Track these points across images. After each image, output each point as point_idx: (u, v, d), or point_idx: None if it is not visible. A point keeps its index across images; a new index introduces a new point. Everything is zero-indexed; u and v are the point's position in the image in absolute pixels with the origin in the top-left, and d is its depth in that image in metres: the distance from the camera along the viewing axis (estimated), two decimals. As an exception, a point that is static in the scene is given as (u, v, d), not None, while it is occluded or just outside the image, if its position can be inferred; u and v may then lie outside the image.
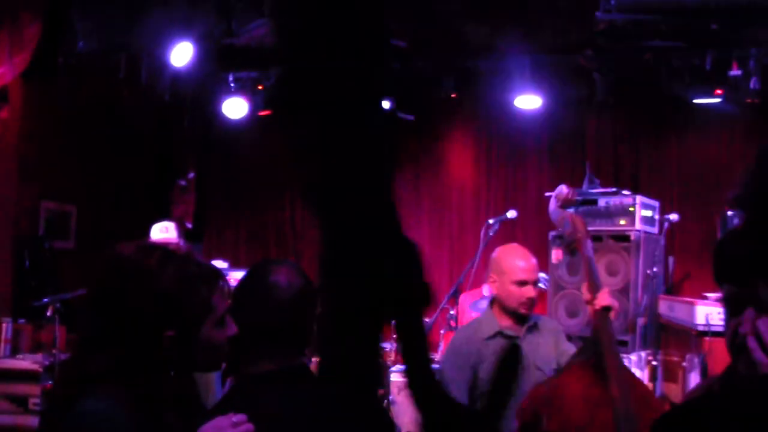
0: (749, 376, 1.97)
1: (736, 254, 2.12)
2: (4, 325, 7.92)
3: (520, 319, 4.64)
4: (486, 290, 9.43)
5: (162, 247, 2.46)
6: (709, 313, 6.71)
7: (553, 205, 4.32)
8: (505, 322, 4.62)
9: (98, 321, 2.34)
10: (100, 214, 10.05)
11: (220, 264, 10.35)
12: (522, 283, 4.61)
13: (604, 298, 3.92)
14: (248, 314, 2.68)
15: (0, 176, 8.54)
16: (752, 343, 1.96)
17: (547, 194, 8.97)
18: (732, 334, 2.04)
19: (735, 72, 7.95)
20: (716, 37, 7.74)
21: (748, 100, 8.16)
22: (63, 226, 9.51)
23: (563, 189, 4.29)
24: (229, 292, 2.61)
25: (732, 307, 2.08)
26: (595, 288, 4.01)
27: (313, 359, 3.49)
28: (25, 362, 7.62)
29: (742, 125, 9.49)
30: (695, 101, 8.48)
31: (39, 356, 7.73)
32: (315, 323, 2.80)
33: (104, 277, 2.39)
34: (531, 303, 4.66)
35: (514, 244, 5.07)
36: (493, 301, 4.76)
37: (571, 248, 4.24)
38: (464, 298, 9.30)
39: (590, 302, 3.98)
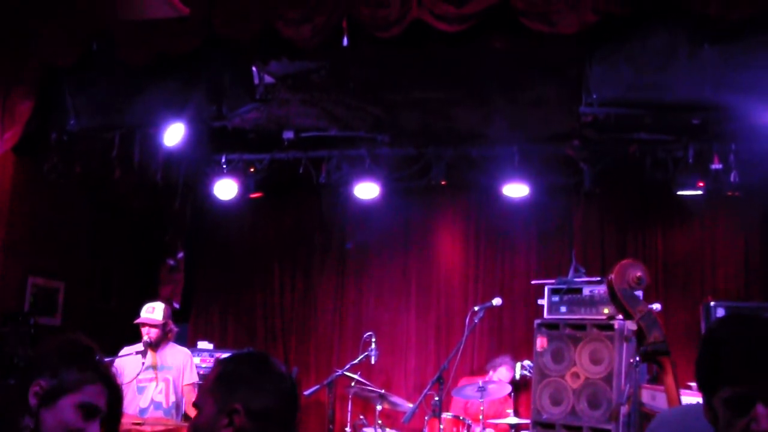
0: None
1: (738, 353, 2.11)
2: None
3: None
4: (498, 375, 9.47)
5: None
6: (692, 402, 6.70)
7: (620, 283, 3.64)
8: None
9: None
10: (89, 291, 10.04)
11: (205, 345, 10.33)
12: None
13: None
14: (263, 401, 2.72)
15: (-13, 250, 8.56)
16: None
17: (534, 282, 9.10)
18: None
19: (716, 165, 8.09)
20: (698, 131, 7.90)
21: (729, 193, 8.29)
22: (50, 302, 9.46)
23: (632, 268, 3.62)
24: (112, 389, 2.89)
25: (737, 407, 2.08)
26: None
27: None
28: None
29: (724, 217, 9.64)
30: (679, 193, 8.61)
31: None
32: None
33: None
34: None
35: None
36: None
37: (653, 358, 3.59)
38: (462, 384, 9.31)
39: None
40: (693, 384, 7.14)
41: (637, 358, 7.37)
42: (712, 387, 2.16)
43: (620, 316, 7.86)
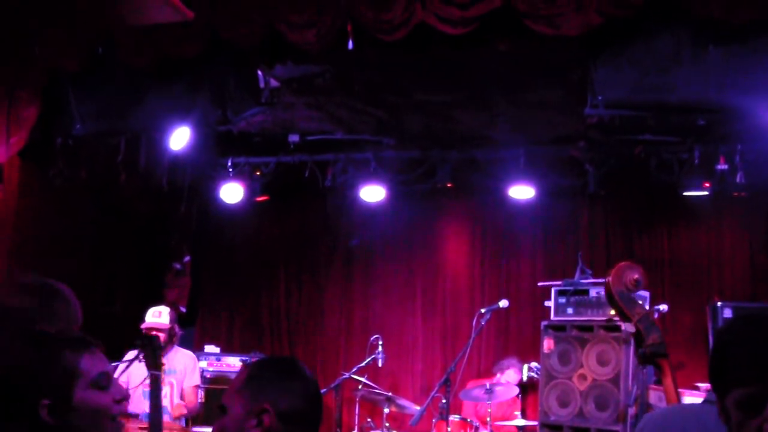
0: None
1: (747, 354, 2.11)
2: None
3: None
4: (506, 378, 9.47)
5: (23, 327, 2.56)
6: (698, 404, 6.69)
7: (617, 286, 3.60)
8: None
9: None
10: (93, 295, 10.04)
11: (212, 349, 10.34)
12: None
13: None
14: (290, 403, 2.79)
15: (-8, 255, 8.57)
16: None
17: (540, 284, 9.09)
18: None
19: (722, 166, 8.08)
20: (703, 132, 7.89)
21: (735, 194, 8.27)
22: (56, 307, 9.45)
23: (629, 270, 3.57)
24: (102, 352, 2.64)
25: (748, 408, 2.08)
26: None
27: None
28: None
29: (731, 218, 9.63)
30: (684, 194, 8.59)
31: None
32: None
33: None
34: None
35: None
36: None
37: (652, 360, 3.45)
38: (469, 386, 9.30)
39: None
40: (701, 385, 7.14)
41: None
42: (723, 389, 2.16)
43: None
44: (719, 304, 8.36)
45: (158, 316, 7.42)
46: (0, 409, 2.38)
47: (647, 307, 3.62)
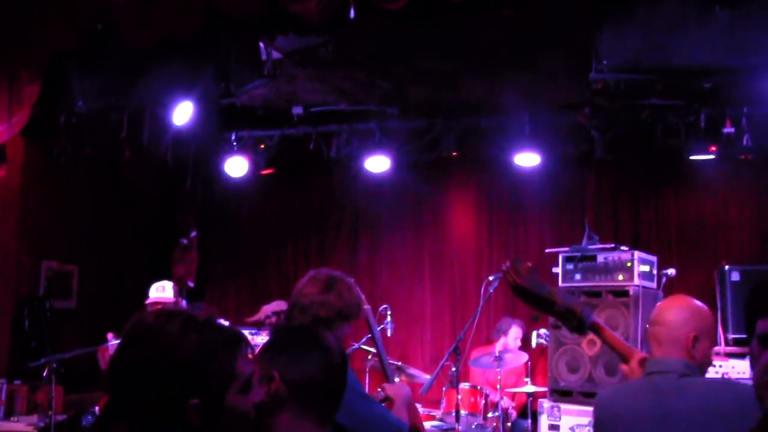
0: None
1: None
2: (-2, 386, 7.80)
3: None
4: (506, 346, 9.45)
5: (184, 313, 2.38)
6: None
7: (525, 281, 3.82)
8: None
9: (121, 388, 2.29)
10: (102, 273, 10.05)
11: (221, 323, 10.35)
12: None
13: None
14: (301, 372, 2.74)
15: (0, 235, 8.58)
16: None
17: (548, 251, 9.07)
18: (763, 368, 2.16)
19: (728, 129, 8.02)
20: (710, 95, 7.83)
21: (742, 157, 8.22)
22: (64, 285, 9.49)
23: (520, 263, 3.80)
24: (253, 355, 2.51)
25: (764, 341, 2.20)
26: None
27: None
28: (19, 425, 7.47)
29: (738, 181, 9.58)
30: (691, 158, 8.54)
31: (34, 417, 7.60)
32: None
33: (124, 344, 2.32)
34: None
35: None
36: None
37: (594, 326, 3.67)
38: (474, 355, 9.30)
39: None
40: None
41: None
42: (752, 326, 2.26)
43: (636, 283, 7.85)
44: (727, 267, 8.34)
45: (162, 291, 7.45)
46: (153, 401, 2.24)
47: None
